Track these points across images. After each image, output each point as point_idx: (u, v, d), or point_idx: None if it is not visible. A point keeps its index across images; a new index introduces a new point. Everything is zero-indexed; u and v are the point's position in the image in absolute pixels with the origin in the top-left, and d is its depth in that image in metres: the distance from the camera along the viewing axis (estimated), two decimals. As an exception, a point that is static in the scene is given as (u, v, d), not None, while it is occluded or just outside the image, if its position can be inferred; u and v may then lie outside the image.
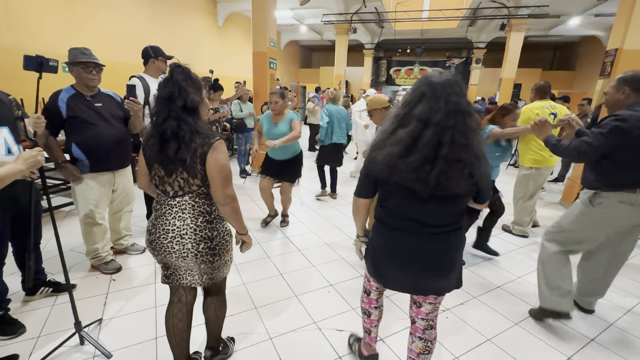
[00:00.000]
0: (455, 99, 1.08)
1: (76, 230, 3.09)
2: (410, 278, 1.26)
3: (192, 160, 1.22)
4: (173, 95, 1.21)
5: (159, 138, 1.23)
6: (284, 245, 3.07)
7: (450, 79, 1.11)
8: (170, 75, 1.24)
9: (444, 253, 1.22)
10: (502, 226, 3.63)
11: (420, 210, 1.17)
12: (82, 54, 2.11)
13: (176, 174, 1.25)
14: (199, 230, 1.29)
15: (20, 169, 1.27)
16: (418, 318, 1.39)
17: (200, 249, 1.29)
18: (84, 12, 5.57)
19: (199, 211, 1.30)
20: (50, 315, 1.97)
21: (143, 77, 2.76)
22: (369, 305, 1.56)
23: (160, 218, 1.30)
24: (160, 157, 1.24)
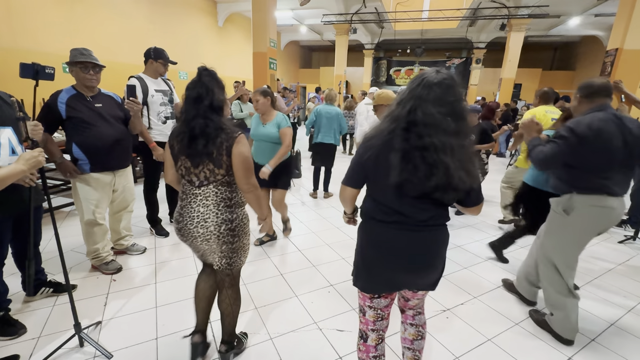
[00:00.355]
0: (449, 100, 1.07)
1: (77, 231, 3.10)
2: (399, 273, 1.23)
3: (218, 153, 1.37)
4: (201, 95, 1.35)
5: (188, 134, 1.36)
6: (284, 245, 3.07)
7: (446, 79, 1.09)
8: (198, 78, 1.38)
9: (431, 247, 1.21)
10: (499, 220, 3.68)
11: (408, 206, 1.16)
12: (81, 54, 2.12)
13: (203, 166, 1.40)
14: (220, 214, 1.43)
15: (22, 169, 1.27)
16: (406, 308, 1.43)
17: (222, 230, 1.43)
18: (84, 13, 5.58)
19: (221, 197, 1.44)
20: (51, 316, 1.97)
21: (142, 78, 2.77)
22: (367, 354, 1.34)
23: (186, 207, 1.45)
24: (189, 150, 1.38)
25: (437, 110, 1.07)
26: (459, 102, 1.10)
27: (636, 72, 3.86)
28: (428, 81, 1.09)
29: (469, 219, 3.84)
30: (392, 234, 1.19)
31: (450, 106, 1.08)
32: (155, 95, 2.82)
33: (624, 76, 3.85)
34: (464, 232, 3.47)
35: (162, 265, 2.60)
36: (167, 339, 1.82)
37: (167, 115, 2.93)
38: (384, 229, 1.21)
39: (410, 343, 1.42)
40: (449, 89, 1.08)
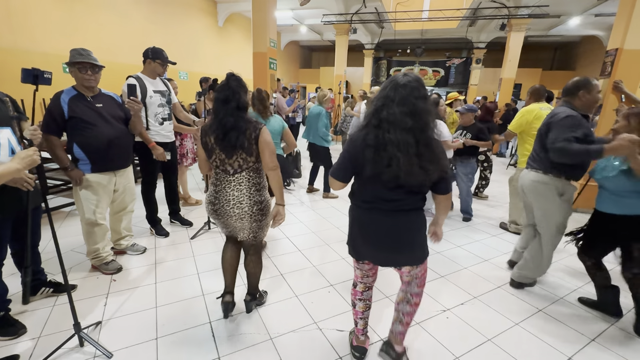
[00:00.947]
0: (413, 100, 1.25)
1: (77, 231, 3.10)
2: (378, 251, 1.47)
3: (249, 143, 1.66)
4: (229, 98, 1.63)
5: (221, 130, 1.63)
6: (284, 245, 3.07)
7: (411, 81, 1.27)
8: (227, 82, 1.67)
9: (401, 227, 1.41)
10: (500, 224, 3.65)
11: (385, 194, 1.37)
12: (79, 55, 2.12)
13: (236, 156, 1.68)
14: (252, 196, 1.74)
15: (17, 167, 1.27)
16: (403, 275, 1.59)
17: (254, 210, 1.75)
18: (84, 13, 5.58)
19: (252, 182, 1.74)
20: (51, 316, 1.97)
21: (140, 77, 2.76)
22: (355, 296, 1.70)
23: (222, 192, 1.74)
24: (223, 144, 1.65)
25: (400, 110, 1.26)
26: (422, 100, 1.28)
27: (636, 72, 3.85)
28: (395, 83, 1.29)
29: (469, 220, 3.84)
30: (370, 217, 1.44)
31: (412, 105, 1.26)
32: (154, 96, 2.81)
33: (624, 76, 3.85)
34: (464, 232, 3.47)
35: (162, 266, 2.60)
36: (167, 338, 1.82)
37: (165, 116, 2.91)
38: (364, 212, 1.45)
39: (397, 304, 1.64)
40: (413, 90, 1.27)
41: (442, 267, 2.72)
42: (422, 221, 1.45)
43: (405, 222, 1.41)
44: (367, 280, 1.67)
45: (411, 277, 1.55)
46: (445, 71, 14.72)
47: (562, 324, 2.08)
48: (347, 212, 1.60)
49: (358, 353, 1.71)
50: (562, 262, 2.86)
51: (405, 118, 1.25)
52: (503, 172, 6.43)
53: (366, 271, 1.64)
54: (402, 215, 1.40)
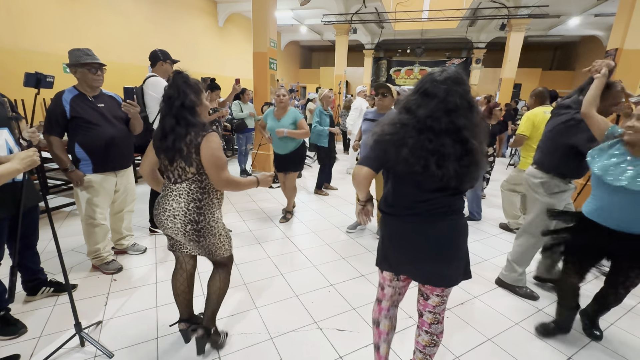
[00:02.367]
0: (455, 97, 1.12)
1: (77, 231, 3.11)
2: (418, 264, 1.28)
3: (188, 150, 1.41)
4: (172, 96, 1.43)
5: (161, 131, 1.46)
6: (284, 245, 3.07)
7: (451, 75, 1.14)
8: (172, 80, 1.46)
9: (447, 239, 1.24)
10: (499, 224, 3.66)
11: (425, 199, 1.22)
12: (87, 55, 2.12)
13: (176, 163, 1.46)
14: (189, 213, 1.48)
15: (17, 168, 1.28)
16: (425, 311, 1.39)
17: (188, 230, 1.49)
18: (84, 13, 5.58)
19: (192, 197, 1.49)
20: (52, 316, 1.97)
21: (160, 79, 2.83)
22: (379, 313, 1.49)
23: (163, 198, 1.54)
24: (164, 147, 1.45)
25: (447, 107, 1.12)
26: (469, 94, 1.15)
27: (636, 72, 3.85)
28: (434, 79, 1.15)
29: (472, 221, 3.84)
30: (411, 224, 1.26)
31: (457, 102, 1.12)
32: None
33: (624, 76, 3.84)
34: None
35: (162, 265, 2.60)
36: (168, 338, 1.82)
37: None
38: (402, 220, 1.27)
39: (423, 347, 1.43)
40: (462, 84, 1.15)
41: (442, 267, 2.73)
42: (464, 227, 1.29)
43: (451, 228, 1.25)
44: (396, 299, 1.48)
45: (441, 299, 1.35)
46: (445, 71, 14.71)
47: (562, 323, 2.08)
48: (347, 212, 1.60)
49: None
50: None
51: (457, 115, 1.12)
52: (503, 172, 6.43)
53: (399, 288, 1.45)
54: (447, 220, 1.24)
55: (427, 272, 1.28)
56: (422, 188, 1.21)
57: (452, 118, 1.12)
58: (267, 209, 4.02)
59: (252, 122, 5.35)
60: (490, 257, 2.94)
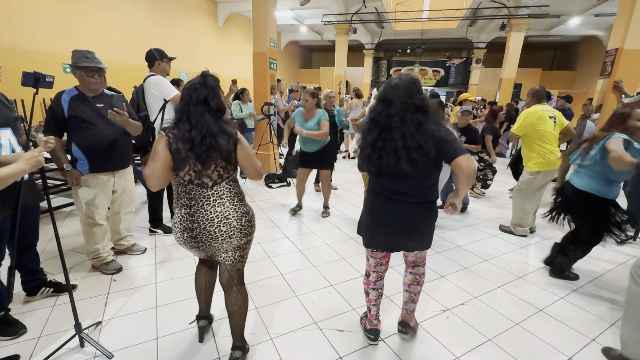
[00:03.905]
0: (409, 98, 1.42)
1: (77, 231, 3.11)
2: (390, 237, 1.62)
3: (227, 148, 1.42)
4: (207, 98, 1.39)
5: (199, 135, 1.36)
6: (284, 245, 3.07)
7: (405, 81, 1.46)
8: (203, 81, 1.41)
9: (416, 218, 1.56)
10: (499, 226, 3.63)
11: (397, 184, 1.53)
12: (85, 58, 2.11)
13: (215, 164, 1.43)
14: (238, 208, 1.50)
15: (23, 169, 1.28)
16: (407, 259, 1.82)
17: (244, 223, 1.50)
18: (85, 13, 5.58)
19: (234, 193, 1.51)
20: (52, 316, 1.97)
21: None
22: (368, 286, 1.82)
23: (199, 212, 1.43)
24: (198, 152, 1.36)
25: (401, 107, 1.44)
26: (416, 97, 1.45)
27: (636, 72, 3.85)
28: (391, 84, 1.48)
29: (469, 220, 3.84)
30: (383, 207, 1.59)
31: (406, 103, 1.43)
32: None
33: (624, 76, 3.85)
34: (464, 233, 3.47)
35: (162, 265, 2.60)
36: (168, 339, 1.82)
37: None
38: (377, 201, 1.61)
39: (408, 286, 1.83)
40: (410, 88, 1.44)
41: (442, 267, 2.72)
42: (434, 213, 1.61)
43: (417, 213, 1.56)
44: (379, 269, 1.79)
45: (417, 257, 1.77)
46: (445, 71, 14.73)
47: (562, 324, 2.08)
48: (347, 212, 1.65)
49: (373, 335, 1.84)
50: (562, 262, 2.86)
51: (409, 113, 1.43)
52: (503, 172, 6.43)
53: (380, 259, 1.77)
54: (414, 207, 1.55)
55: (396, 245, 1.66)
56: (393, 177, 1.51)
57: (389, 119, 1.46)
58: (267, 208, 4.02)
59: (251, 122, 5.35)
60: (490, 257, 2.94)
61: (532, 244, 3.25)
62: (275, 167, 5.75)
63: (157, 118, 2.83)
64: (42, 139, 1.58)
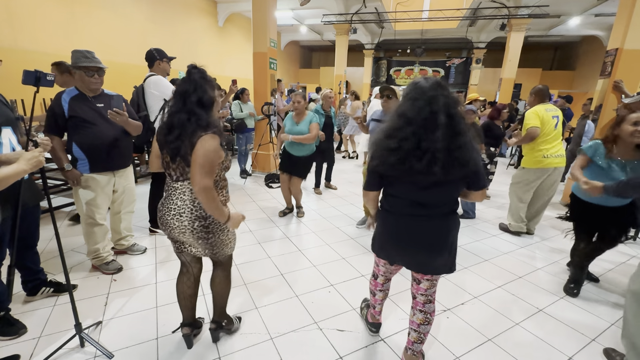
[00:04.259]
0: (442, 100, 1.25)
1: (77, 231, 3.11)
2: (411, 256, 1.48)
3: (184, 150, 1.37)
4: (188, 91, 1.38)
5: (167, 127, 1.40)
6: (284, 245, 3.07)
7: (436, 81, 1.29)
8: (187, 75, 1.41)
9: (439, 233, 1.42)
10: (499, 225, 3.64)
11: (420, 196, 1.37)
12: (85, 58, 2.12)
13: (178, 162, 1.42)
14: (195, 210, 1.45)
15: (24, 169, 1.28)
16: (418, 294, 1.59)
17: (195, 226, 1.46)
18: (85, 13, 5.58)
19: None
20: (52, 316, 1.97)
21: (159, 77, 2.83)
22: (375, 287, 1.81)
23: (167, 198, 1.50)
24: (167, 142, 1.41)
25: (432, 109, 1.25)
26: (451, 97, 1.28)
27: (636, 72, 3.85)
28: (420, 86, 1.29)
29: (469, 220, 3.84)
30: (405, 222, 1.43)
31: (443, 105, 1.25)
32: None
33: (624, 76, 3.85)
34: (464, 232, 3.47)
35: (163, 265, 2.60)
36: (168, 338, 1.82)
37: None
38: (398, 217, 1.45)
39: (417, 326, 1.61)
40: (442, 88, 1.28)
41: (442, 267, 2.72)
42: (457, 224, 1.47)
43: (441, 225, 1.41)
44: (389, 275, 1.77)
45: (430, 288, 1.56)
46: (445, 71, 14.73)
47: (562, 323, 2.08)
48: (347, 212, 1.64)
49: (375, 328, 1.90)
50: (563, 262, 2.86)
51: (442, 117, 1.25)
52: (503, 172, 6.43)
53: (391, 271, 1.73)
54: (438, 219, 1.40)
55: (419, 262, 1.48)
56: (416, 186, 1.34)
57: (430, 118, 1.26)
58: (267, 209, 4.02)
59: (252, 122, 5.35)
60: (490, 257, 2.94)
61: (532, 244, 3.25)
62: (275, 167, 5.75)
63: (157, 118, 2.83)
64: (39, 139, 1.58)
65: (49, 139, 1.56)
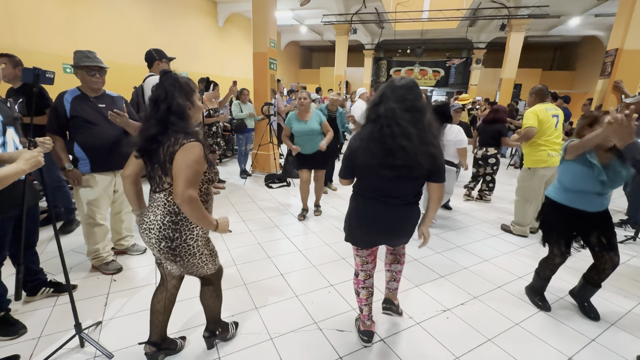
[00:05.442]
0: (411, 98, 1.41)
1: (77, 231, 3.11)
2: (372, 236, 1.68)
3: (163, 158, 1.29)
4: (158, 99, 1.31)
5: (143, 136, 1.32)
6: (284, 245, 3.07)
7: (408, 82, 1.43)
8: (160, 81, 1.35)
9: (399, 220, 1.60)
10: (501, 226, 3.63)
11: (384, 186, 1.52)
12: (86, 57, 2.13)
13: (155, 170, 1.35)
14: (163, 228, 1.35)
15: (23, 168, 1.29)
16: (388, 254, 1.95)
17: (162, 247, 1.37)
18: (85, 13, 5.58)
19: (167, 210, 1.36)
20: (52, 316, 1.97)
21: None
22: (358, 285, 1.82)
23: (147, 209, 1.43)
24: (142, 151, 1.35)
25: (398, 106, 1.41)
26: (418, 99, 1.43)
27: (636, 72, 3.86)
28: (393, 85, 1.45)
29: (469, 220, 3.84)
30: (369, 207, 1.59)
31: (410, 102, 1.41)
32: None
33: (624, 76, 3.86)
34: (464, 233, 3.47)
35: (163, 266, 2.60)
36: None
37: None
38: (363, 202, 1.62)
39: (389, 265, 1.94)
40: (409, 90, 1.42)
41: (442, 267, 2.72)
42: (417, 213, 1.66)
43: (402, 214, 1.60)
44: (367, 268, 1.80)
45: (398, 250, 1.90)
46: (445, 71, 14.73)
47: (562, 324, 2.08)
48: (347, 213, 1.66)
49: (366, 337, 1.82)
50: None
51: (403, 113, 1.41)
52: (503, 172, 6.43)
53: (365, 257, 1.79)
54: (400, 209, 1.58)
55: (379, 241, 1.72)
56: (382, 178, 1.47)
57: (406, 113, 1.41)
58: (267, 209, 4.02)
59: (251, 123, 5.35)
60: (490, 257, 2.94)
61: (532, 244, 3.25)
62: (275, 167, 5.75)
63: None
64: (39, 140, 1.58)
65: (50, 139, 1.56)
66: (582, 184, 1.96)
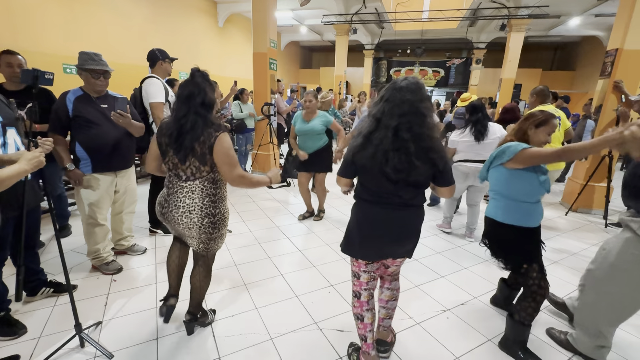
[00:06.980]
0: (413, 100, 1.32)
1: (77, 231, 3.11)
2: (380, 244, 1.49)
3: (201, 151, 1.48)
4: (193, 94, 1.47)
5: (176, 131, 1.48)
6: (284, 245, 3.07)
7: (412, 83, 1.35)
8: (191, 77, 1.51)
9: (406, 224, 1.48)
10: None
11: (389, 189, 1.41)
12: (92, 60, 2.13)
13: (189, 162, 1.53)
14: (205, 207, 1.58)
15: (25, 169, 1.29)
16: (386, 275, 1.72)
17: (204, 223, 1.59)
18: (85, 13, 5.58)
19: (206, 193, 1.58)
20: (52, 316, 1.97)
21: (159, 78, 2.81)
22: (361, 308, 1.60)
23: (173, 195, 1.60)
24: (176, 146, 1.50)
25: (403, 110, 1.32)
26: (422, 102, 1.34)
27: (636, 72, 3.85)
28: (396, 86, 1.36)
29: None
30: (376, 211, 1.47)
31: (409, 106, 1.32)
32: (172, 97, 2.86)
33: (624, 76, 3.85)
34: (464, 233, 3.47)
35: (162, 266, 2.60)
36: (168, 339, 1.82)
37: None
38: (369, 207, 1.49)
39: (385, 303, 1.74)
40: (412, 92, 1.33)
41: (442, 267, 2.72)
42: (423, 215, 1.54)
43: (409, 217, 1.48)
44: (372, 285, 1.61)
45: (396, 269, 1.70)
46: (445, 71, 14.73)
47: (562, 323, 2.08)
48: (347, 213, 1.63)
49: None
50: (563, 262, 2.86)
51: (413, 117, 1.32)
52: (503, 172, 6.42)
53: (374, 272, 1.61)
54: (406, 210, 1.47)
55: (387, 251, 1.53)
56: (386, 181, 1.39)
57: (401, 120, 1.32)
58: (267, 209, 4.02)
59: (251, 123, 5.35)
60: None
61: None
62: (275, 167, 5.74)
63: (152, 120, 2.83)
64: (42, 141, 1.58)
65: (52, 139, 1.56)
66: (530, 193, 1.70)
